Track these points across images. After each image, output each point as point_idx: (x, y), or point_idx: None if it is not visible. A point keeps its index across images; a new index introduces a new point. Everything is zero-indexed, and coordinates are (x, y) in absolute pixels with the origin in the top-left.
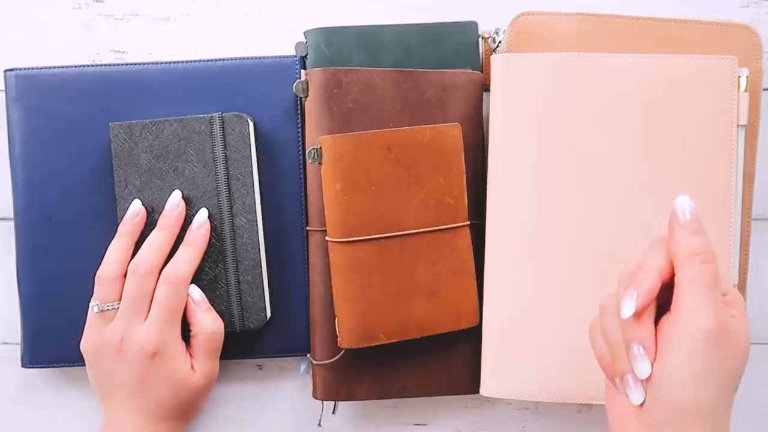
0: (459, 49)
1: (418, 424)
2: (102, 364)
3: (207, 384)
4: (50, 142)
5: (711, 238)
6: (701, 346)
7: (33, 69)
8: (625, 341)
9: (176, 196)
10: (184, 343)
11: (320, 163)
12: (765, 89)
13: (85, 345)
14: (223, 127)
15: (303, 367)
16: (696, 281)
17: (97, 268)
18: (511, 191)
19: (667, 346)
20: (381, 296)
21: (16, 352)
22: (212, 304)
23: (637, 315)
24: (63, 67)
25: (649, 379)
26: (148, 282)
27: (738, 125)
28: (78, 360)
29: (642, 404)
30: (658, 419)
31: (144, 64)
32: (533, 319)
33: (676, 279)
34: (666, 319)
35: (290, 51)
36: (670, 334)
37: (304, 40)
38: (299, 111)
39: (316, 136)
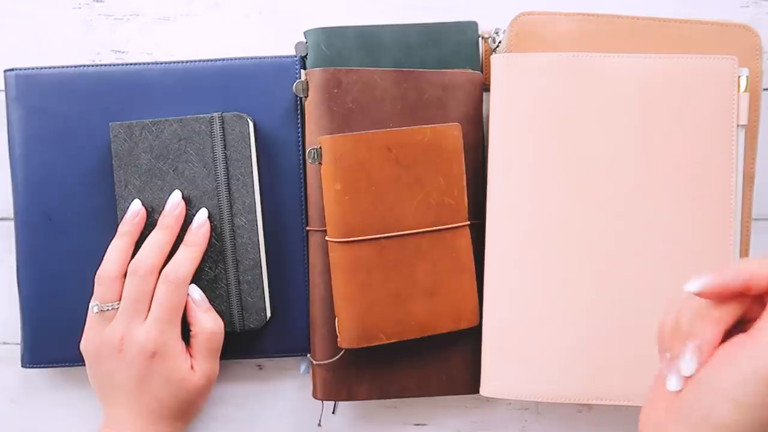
0: (459, 49)
1: (418, 424)
2: (102, 364)
3: (207, 384)
4: (50, 142)
5: (711, 238)
6: (761, 380)
7: (33, 69)
8: (690, 333)
9: (176, 196)
10: (183, 343)
11: (320, 163)
12: (765, 89)
13: (85, 345)
14: (223, 127)
15: (303, 367)
16: None
17: (97, 268)
18: (511, 191)
19: (728, 365)
20: (381, 296)
21: (16, 352)
22: (212, 304)
23: (703, 293)
24: (63, 67)
25: (693, 378)
26: (148, 282)
27: (738, 125)
28: (78, 360)
29: (678, 393)
30: (690, 418)
31: (144, 64)
32: (533, 319)
33: None
34: (739, 338)
35: (290, 51)
36: (736, 356)
37: (304, 40)
38: (299, 111)
39: (316, 136)
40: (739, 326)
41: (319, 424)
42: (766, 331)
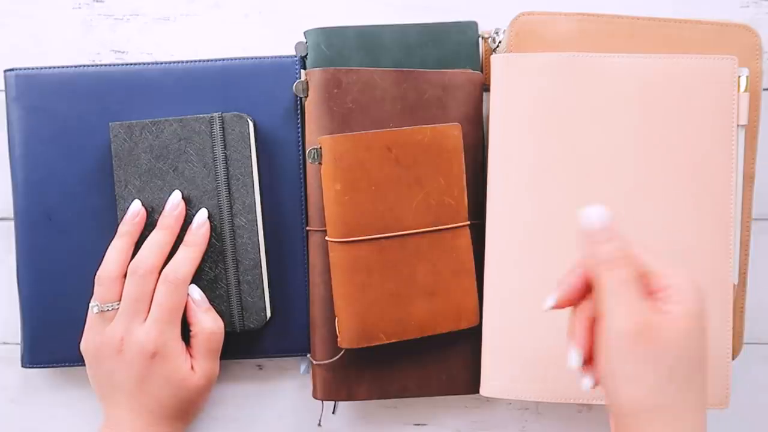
0: (459, 49)
1: (418, 424)
2: (102, 364)
3: (207, 384)
4: (50, 142)
5: (711, 238)
6: (623, 346)
7: (33, 69)
8: (569, 337)
9: (176, 196)
10: (183, 343)
11: (320, 163)
12: (765, 89)
13: (85, 345)
14: (223, 127)
15: (303, 367)
16: (606, 286)
17: (97, 268)
18: (511, 191)
19: (600, 349)
20: (381, 296)
21: (16, 352)
22: (212, 304)
23: (558, 306)
24: (63, 67)
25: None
26: (148, 282)
27: (738, 125)
28: (78, 360)
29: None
30: (616, 417)
31: (144, 64)
32: (533, 319)
33: (594, 287)
34: (597, 327)
35: (290, 51)
36: (601, 339)
37: (304, 40)
38: (299, 111)
39: (316, 136)
40: None
41: (319, 424)
42: (604, 308)
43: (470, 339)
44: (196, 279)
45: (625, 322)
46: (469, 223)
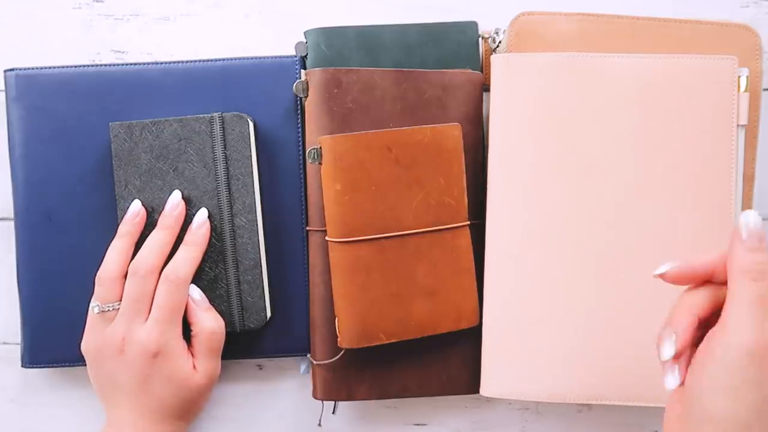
0: (459, 49)
1: (418, 424)
2: (103, 364)
3: (209, 383)
4: (50, 142)
5: (711, 239)
6: (739, 361)
7: (33, 69)
8: (669, 323)
9: (176, 196)
10: (185, 342)
11: (320, 163)
12: (765, 89)
13: (86, 346)
14: (223, 127)
15: (303, 367)
16: (743, 297)
17: (98, 269)
18: (511, 191)
19: (707, 358)
20: (381, 296)
21: (16, 352)
22: (212, 304)
23: (671, 278)
24: (63, 67)
25: (687, 381)
26: (149, 282)
27: (738, 125)
28: (78, 360)
29: (678, 388)
30: (693, 418)
31: (144, 64)
32: (533, 319)
33: (727, 293)
34: (711, 331)
35: (290, 51)
36: (712, 347)
37: (304, 40)
38: (299, 111)
39: (316, 136)
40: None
41: (319, 424)
42: (732, 318)
43: (470, 339)
44: (196, 279)
45: (749, 338)
46: (469, 223)
